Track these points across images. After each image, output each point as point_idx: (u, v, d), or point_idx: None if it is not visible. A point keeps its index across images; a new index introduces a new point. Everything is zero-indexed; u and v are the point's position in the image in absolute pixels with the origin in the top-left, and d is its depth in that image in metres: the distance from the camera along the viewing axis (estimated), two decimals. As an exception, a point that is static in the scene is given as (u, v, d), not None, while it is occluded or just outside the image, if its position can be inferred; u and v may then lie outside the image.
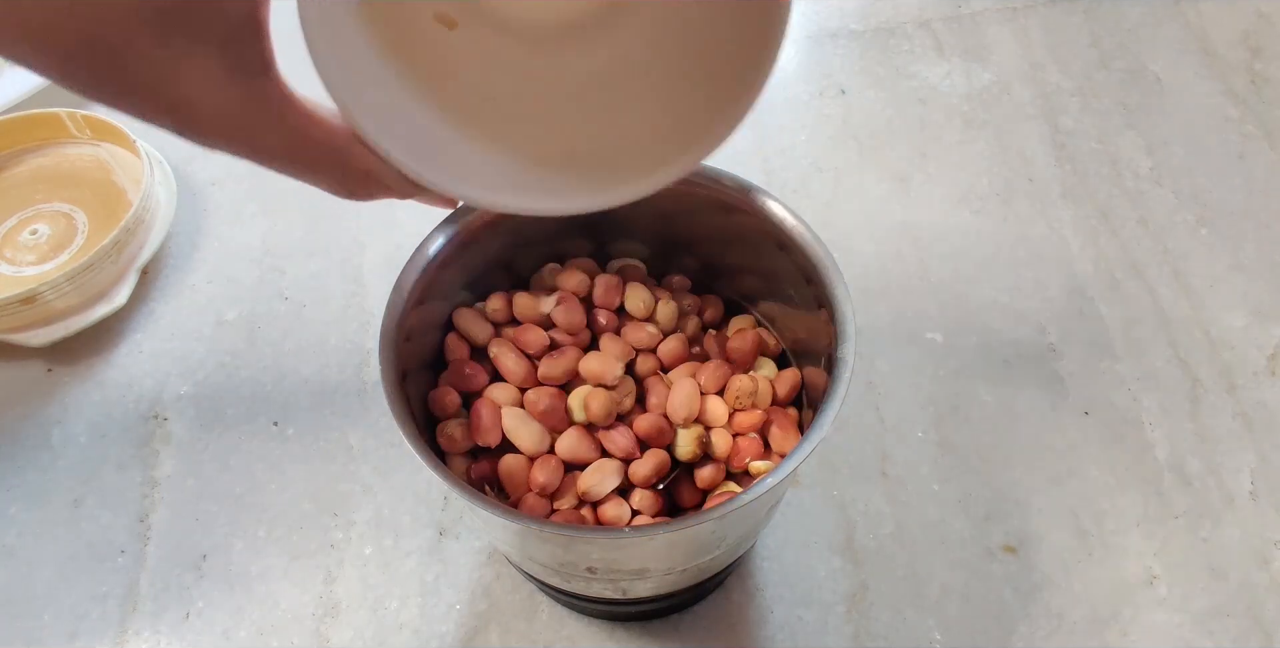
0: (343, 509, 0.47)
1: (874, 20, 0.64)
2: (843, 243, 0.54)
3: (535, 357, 0.39)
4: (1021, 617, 0.44)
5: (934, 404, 0.50)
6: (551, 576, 0.39)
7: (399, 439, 0.33)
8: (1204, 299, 0.53)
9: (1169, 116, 0.59)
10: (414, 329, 0.37)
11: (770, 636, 0.44)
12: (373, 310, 0.53)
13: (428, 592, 0.45)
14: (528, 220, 0.31)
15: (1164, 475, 0.48)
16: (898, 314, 0.52)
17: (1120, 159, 0.58)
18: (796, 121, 0.59)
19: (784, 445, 0.37)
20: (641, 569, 0.37)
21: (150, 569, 0.46)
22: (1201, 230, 0.55)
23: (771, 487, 0.31)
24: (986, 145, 0.58)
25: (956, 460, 0.48)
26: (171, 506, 0.47)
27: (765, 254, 0.39)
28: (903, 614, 0.44)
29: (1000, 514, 0.47)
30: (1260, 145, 0.58)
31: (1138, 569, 0.45)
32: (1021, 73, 0.61)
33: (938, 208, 0.56)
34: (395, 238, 0.55)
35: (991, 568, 0.45)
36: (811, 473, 0.47)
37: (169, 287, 0.54)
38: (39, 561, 0.46)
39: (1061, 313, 0.52)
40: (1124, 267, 0.54)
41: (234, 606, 0.45)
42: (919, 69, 0.62)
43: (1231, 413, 0.49)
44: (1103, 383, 0.50)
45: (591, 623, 0.44)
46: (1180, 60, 0.62)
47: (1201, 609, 0.44)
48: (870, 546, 0.46)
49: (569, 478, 0.37)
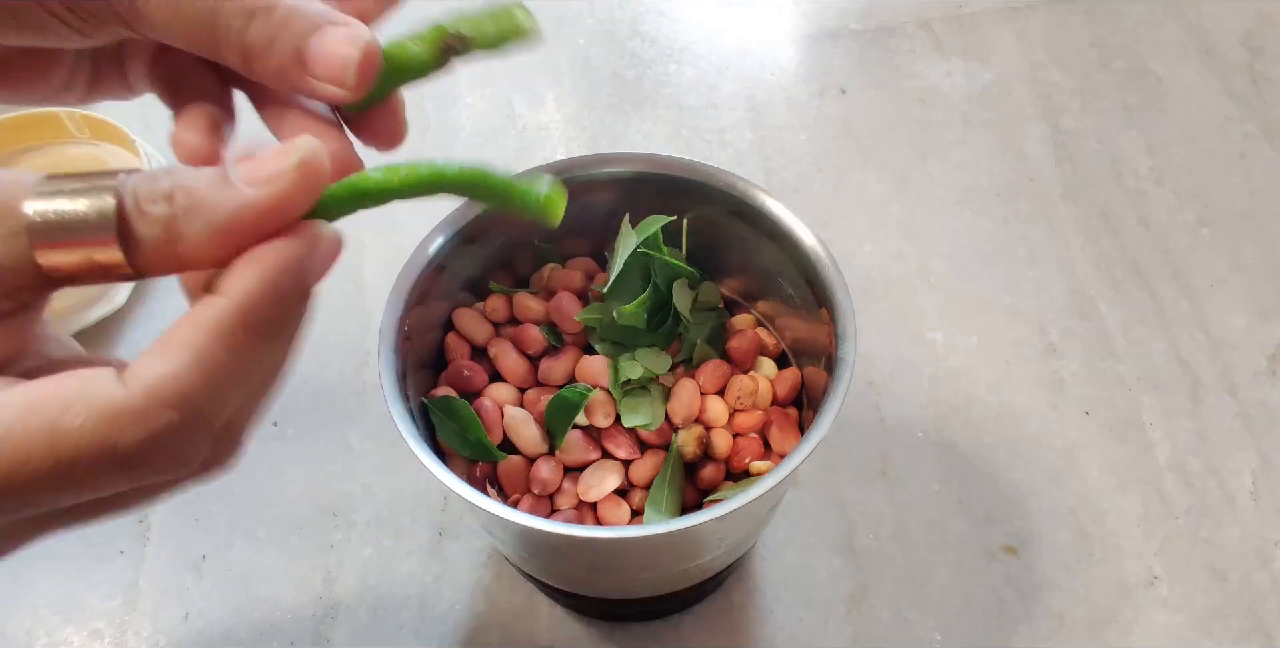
0: (343, 509, 0.47)
1: (874, 20, 0.64)
2: (843, 243, 0.54)
3: (535, 357, 0.39)
4: (1022, 617, 0.44)
5: (934, 404, 0.50)
6: (551, 576, 0.39)
7: (399, 439, 0.33)
8: (1205, 299, 0.53)
9: (1170, 116, 0.59)
10: (414, 329, 0.37)
11: (770, 636, 0.44)
12: (373, 310, 0.53)
13: (428, 592, 0.45)
14: (527, 221, 0.31)
15: (1164, 476, 0.48)
16: (898, 314, 0.52)
17: (1121, 159, 0.58)
18: (796, 121, 0.59)
19: (784, 445, 0.37)
20: (641, 569, 0.37)
21: (150, 569, 0.46)
22: (1202, 230, 0.55)
23: (771, 487, 0.31)
24: (987, 145, 0.58)
25: (956, 460, 0.48)
26: (171, 506, 0.47)
27: (765, 254, 0.39)
28: (903, 615, 0.44)
29: (1000, 514, 0.47)
30: (1261, 145, 0.58)
31: (1138, 570, 0.45)
32: (1022, 73, 0.61)
33: (938, 208, 0.56)
34: (395, 238, 0.55)
35: (992, 568, 0.45)
36: (811, 473, 0.47)
37: (169, 287, 0.54)
38: (39, 561, 0.46)
39: (1061, 313, 0.52)
40: (1124, 267, 0.54)
41: (234, 606, 0.44)
42: (919, 69, 0.62)
43: (1232, 413, 0.49)
44: (1103, 383, 0.50)
45: (591, 623, 0.44)
46: (1181, 60, 0.62)
47: (1202, 610, 0.44)
48: (870, 546, 0.46)
49: (569, 478, 0.37)
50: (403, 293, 0.36)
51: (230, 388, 0.20)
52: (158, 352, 0.20)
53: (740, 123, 0.59)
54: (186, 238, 0.20)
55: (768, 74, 0.62)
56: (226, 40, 0.23)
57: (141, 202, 0.20)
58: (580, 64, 0.62)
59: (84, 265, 0.20)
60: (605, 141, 0.59)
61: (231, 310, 0.20)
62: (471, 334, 0.40)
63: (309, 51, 0.24)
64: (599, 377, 0.37)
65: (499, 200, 0.24)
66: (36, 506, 0.19)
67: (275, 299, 0.20)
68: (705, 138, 0.59)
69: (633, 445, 0.37)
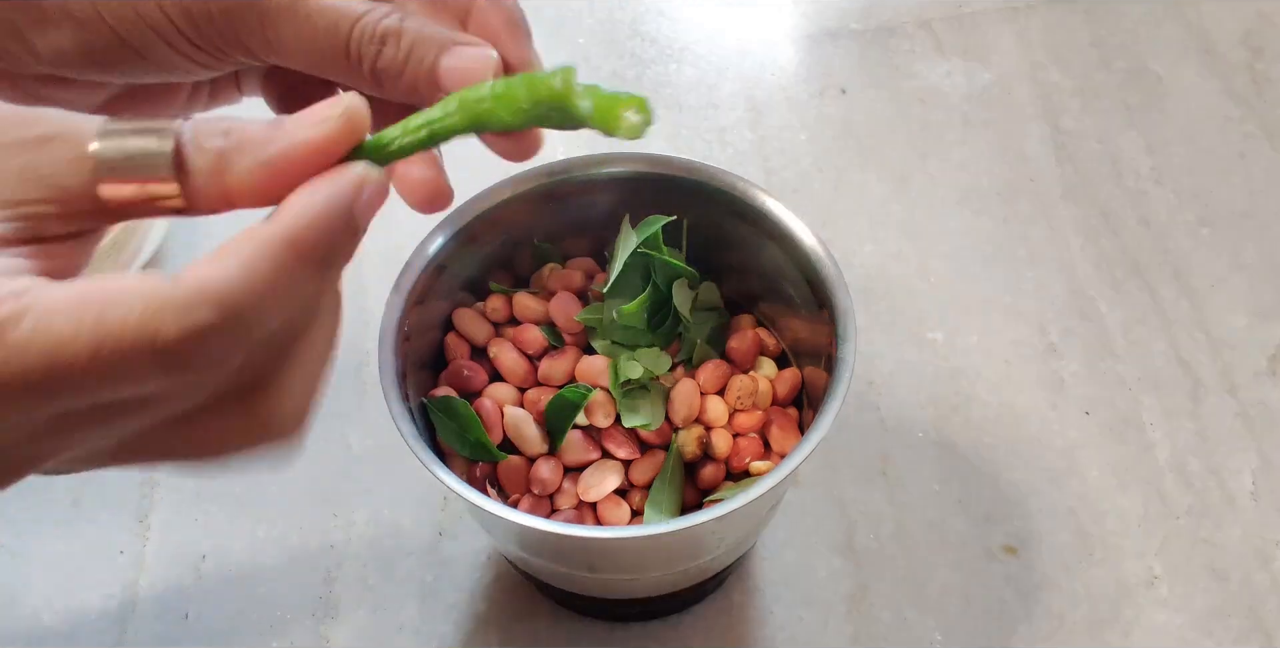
0: (343, 509, 0.47)
1: (874, 20, 0.64)
2: (843, 243, 0.54)
3: (535, 357, 0.39)
4: (1022, 617, 0.44)
5: (934, 404, 0.50)
6: (551, 576, 0.39)
7: (399, 439, 0.33)
8: (1205, 299, 0.53)
9: (1170, 116, 0.59)
10: (414, 329, 0.37)
11: (770, 636, 0.44)
12: (373, 310, 0.52)
13: (427, 592, 0.45)
14: (527, 220, 0.31)
15: (1165, 476, 0.48)
16: (898, 314, 0.52)
17: (1121, 159, 0.58)
18: (796, 121, 0.59)
19: (784, 445, 0.37)
20: (641, 569, 0.37)
21: (150, 569, 0.46)
22: (1202, 230, 0.55)
23: (771, 487, 0.31)
24: (987, 145, 0.58)
25: (956, 460, 0.48)
26: (171, 506, 0.47)
27: (765, 254, 0.39)
28: (903, 615, 0.44)
29: (1000, 514, 0.47)
30: (1261, 145, 0.58)
31: (1138, 570, 0.45)
32: (1022, 72, 0.61)
33: (938, 208, 0.56)
34: (395, 238, 0.55)
35: (992, 568, 0.45)
36: (811, 473, 0.47)
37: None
38: (39, 561, 0.46)
39: (1061, 313, 0.52)
40: (1124, 267, 0.54)
41: (234, 606, 0.44)
42: (919, 69, 0.62)
43: (1233, 413, 0.49)
44: (1103, 383, 0.50)
45: (591, 623, 0.44)
46: (1181, 60, 0.62)
47: (1202, 610, 0.44)
48: (870, 546, 0.46)
49: (569, 478, 0.37)
50: (403, 293, 0.36)
51: (270, 302, 0.21)
52: (207, 259, 0.21)
53: (740, 123, 0.59)
54: (236, 170, 0.21)
55: (768, 74, 0.62)
56: (359, 66, 0.26)
57: (199, 136, 0.22)
58: (580, 64, 0.62)
59: (139, 196, 0.21)
60: (605, 142, 0.59)
61: (280, 231, 0.21)
62: (471, 334, 0.40)
63: (440, 70, 0.26)
64: (599, 377, 0.37)
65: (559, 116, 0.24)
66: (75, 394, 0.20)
67: (323, 227, 0.21)
68: (705, 138, 0.59)
69: (633, 446, 0.37)
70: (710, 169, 0.38)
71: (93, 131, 0.21)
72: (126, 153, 0.21)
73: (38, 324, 0.19)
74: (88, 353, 0.19)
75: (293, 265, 0.21)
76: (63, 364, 0.19)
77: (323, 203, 0.21)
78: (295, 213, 0.21)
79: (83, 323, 0.19)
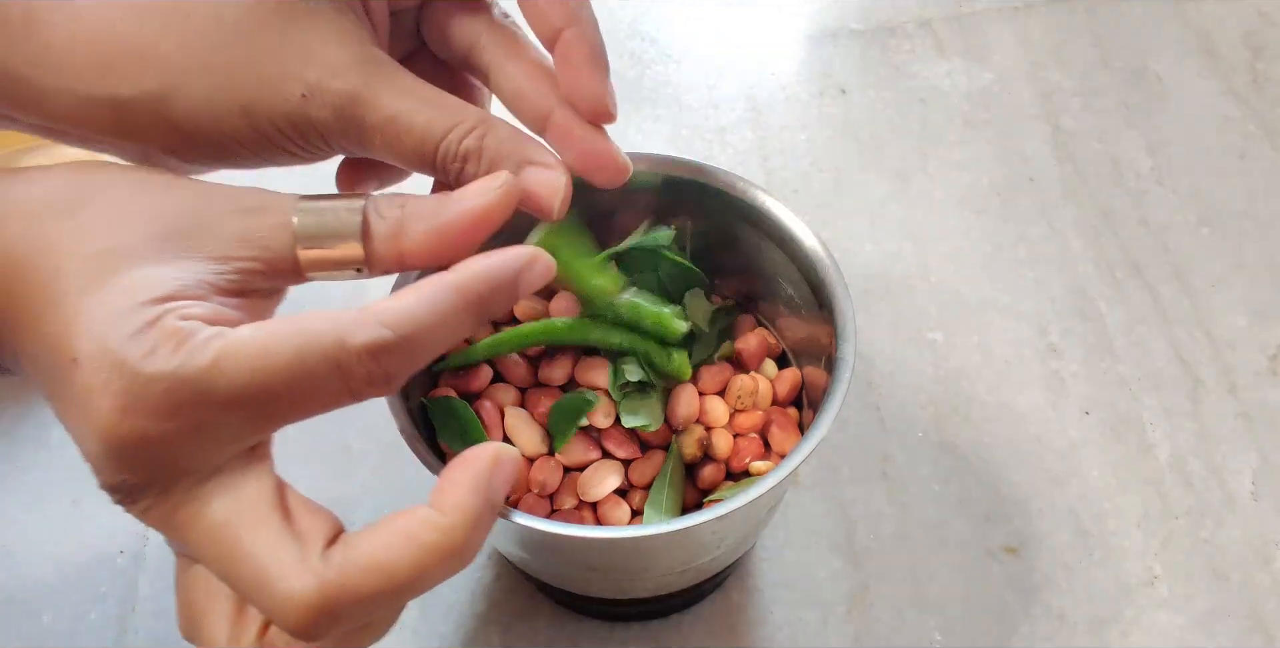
0: (343, 510, 0.47)
1: (874, 20, 0.64)
2: (843, 243, 0.54)
3: (535, 357, 0.39)
4: (1022, 617, 0.44)
5: (934, 404, 0.50)
6: (551, 576, 0.39)
7: (398, 439, 0.33)
8: (1205, 299, 0.53)
9: (1170, 116, 0.59)
10: (414, 329, 0.37)
11: (770, 636, 0.44)
12: (373, 310, 0.53)
13: (427, 593, 0.45)
14: (527, 220, 0.31)
15: (1165, 476, 0.48)
16: (898, 314, 0.52)
17: (1121, 159, 0.58)
18: (796, 121, 0.59)
19: (784, 446, 0.37)
20: (641, 569, 0.37)
21: (150, 569, 0.46)
22: (1203, 230, 0.55)
23: (771, 487, 0.31)
24: (987, 145, 0.58)
25: (956, 461, 0.48)
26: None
27: (765, 254, 0.39)
28: (903, 615, 0.44)
29: (1000, 515, 0.47)
30: (1262, 145, 0.58)
31: (1139, 570, 0.45)
32: (1022, 72, 0.61)
33: (938, 208, 0.56)
34: (395, 238, 0.55)
35: (992, 569, 0.45)
36: (811, 473, 0.47)
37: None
38: (38, 561, 0.46)
39: (1061, 313, 0.52)
40: (1124, 267, 0.54)
41: (234, 606, 0.44)
42: (919, 69, 0.62)
43: (1233, 413, 0.49)
44: (1103, 383, 0.50)
45: (591, 623, 0.44)
46: (1182, 60, 0.62)
47: (1203, 610, 0.44)
48: (870, 546, 0.46)
49: (569, 478, 0.37)
50: (403, 293, 0.36)
51: (436, 332, 0.25)
52: (389, 296, 0.25)
53: (740, 123, 0.59)
54: (411, 234, 0.26)
55: (768, 74, 0.62)
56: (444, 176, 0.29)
57: (380, 207, 0.26)
58: (580, 64, 0.62)
59: (331, 259, 0.25)
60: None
61: (453, 278, 0.25)
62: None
63: None
64: (599, 378, 0.37)
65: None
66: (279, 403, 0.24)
67: (487, 281, 0.25)
68: (705, 138, 0.59)
69: (633, 446, 0.37)
70: (710, 169, 0.38)
71: (293, 205, 0.25)
72: (323, 222, 0.25)
73: (255, 334, 0.23)
74: (290, 353, 0.23)
75: (457, 306, 0.25)
76: (271, 370, 0.23)
77: (494, 264, 0.26)
78: (469, 267, 0.25)
79: (287, 337, 0.23)
